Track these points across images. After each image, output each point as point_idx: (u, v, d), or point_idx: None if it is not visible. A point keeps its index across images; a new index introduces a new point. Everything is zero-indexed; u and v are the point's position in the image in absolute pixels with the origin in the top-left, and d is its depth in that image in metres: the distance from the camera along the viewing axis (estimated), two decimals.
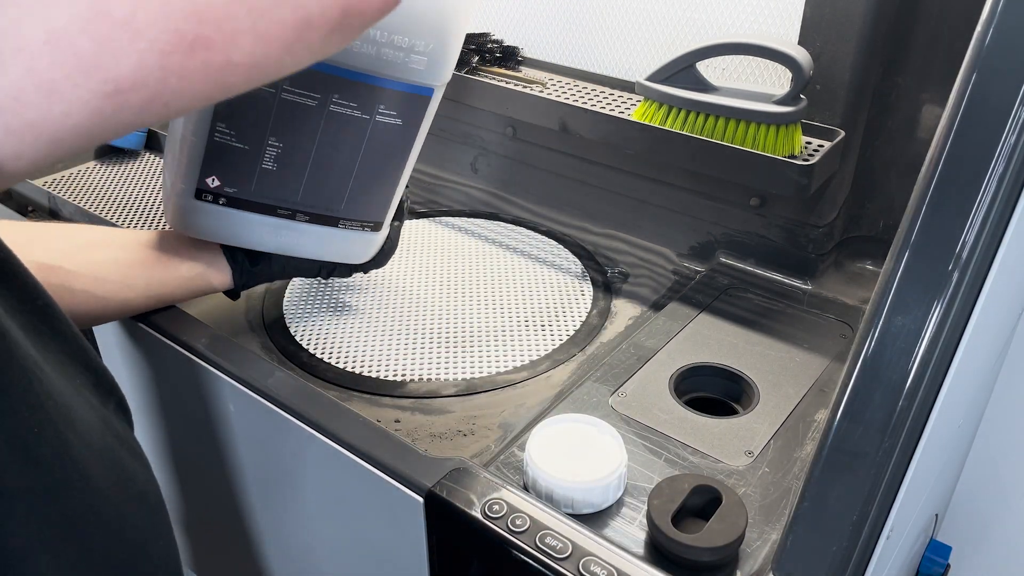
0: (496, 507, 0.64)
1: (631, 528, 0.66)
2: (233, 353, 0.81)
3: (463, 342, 0.91)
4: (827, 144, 0.89)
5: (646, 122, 0.95)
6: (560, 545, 0.60)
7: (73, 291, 0.72)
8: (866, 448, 0.51)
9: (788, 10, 0.90)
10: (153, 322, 0.86)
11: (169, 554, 0.44)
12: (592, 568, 0.58)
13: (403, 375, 0.86)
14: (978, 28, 0.47)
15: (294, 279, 1.01)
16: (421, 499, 0.67)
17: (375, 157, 0.78)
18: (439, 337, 0.91)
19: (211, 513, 0.99)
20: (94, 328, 0.92)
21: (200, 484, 0.97)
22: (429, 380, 0.85)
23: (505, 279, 1.02)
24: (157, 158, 1.27)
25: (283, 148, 0.73)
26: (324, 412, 0.74)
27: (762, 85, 0.93)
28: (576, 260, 1.05)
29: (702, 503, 0.64)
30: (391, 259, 0.92)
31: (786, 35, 0.91)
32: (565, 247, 1.08)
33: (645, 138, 0.95)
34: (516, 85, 1.07)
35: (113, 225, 1.02)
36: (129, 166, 1.25)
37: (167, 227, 0.81)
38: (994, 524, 1.14)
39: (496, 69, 1.11)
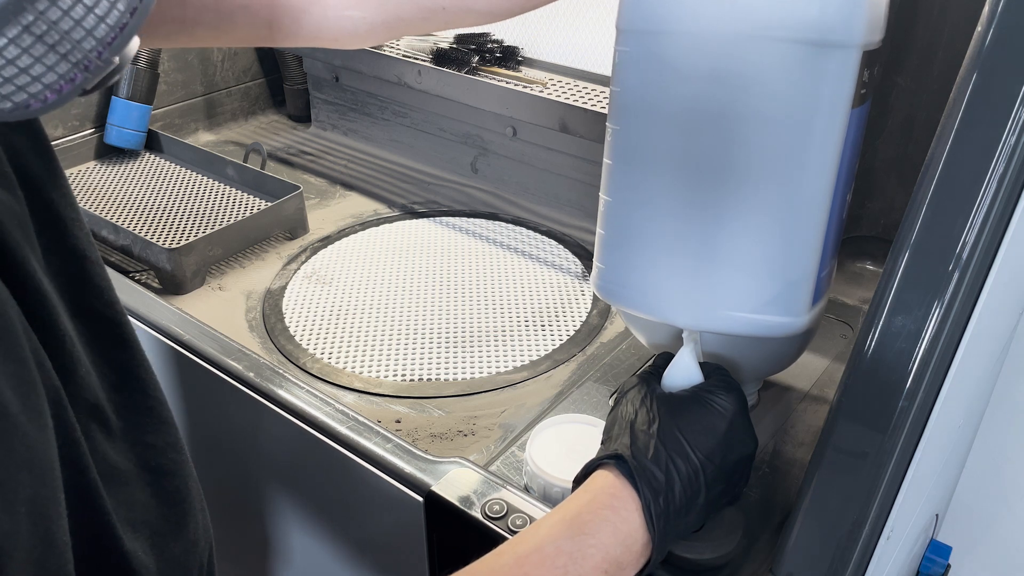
0: (496, 507, 0.64)
1: None
2: (232, 354, 0.81)
3: (463, 342, 0.91)
4: None
5: None
6: None
7: None
8: (866, 448, 0.51)
9: None
10: (148, 319, 0.86)
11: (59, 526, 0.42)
12: None
13: (403, 375, 0.86)
14: (978, 28, 0.47)
15: (292, 280, 1.01)
16: (421, 499, 0.67)
17: None
18: (439, 337, 0.91)
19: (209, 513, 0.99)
20: None
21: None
22: (429, 380, 0.85)
23: (505, 279, 1.02)
24: (157, 158, 1.27)
25: None
26: (324, 413, 0.75)
27: None
28: (576, 260, 1.05)
29: None
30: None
31: None
32: (565, 247, 1.08)
33: None
34: (516, 85, 1.07)
35: (112, 224, 1.02)
36: (129, 166, 1.25)
37: None
38: (994, 524, 1.14)
39: (496, 69, 1.11)
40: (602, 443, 0.58)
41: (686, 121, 0.56)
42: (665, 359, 0.62)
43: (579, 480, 0.56)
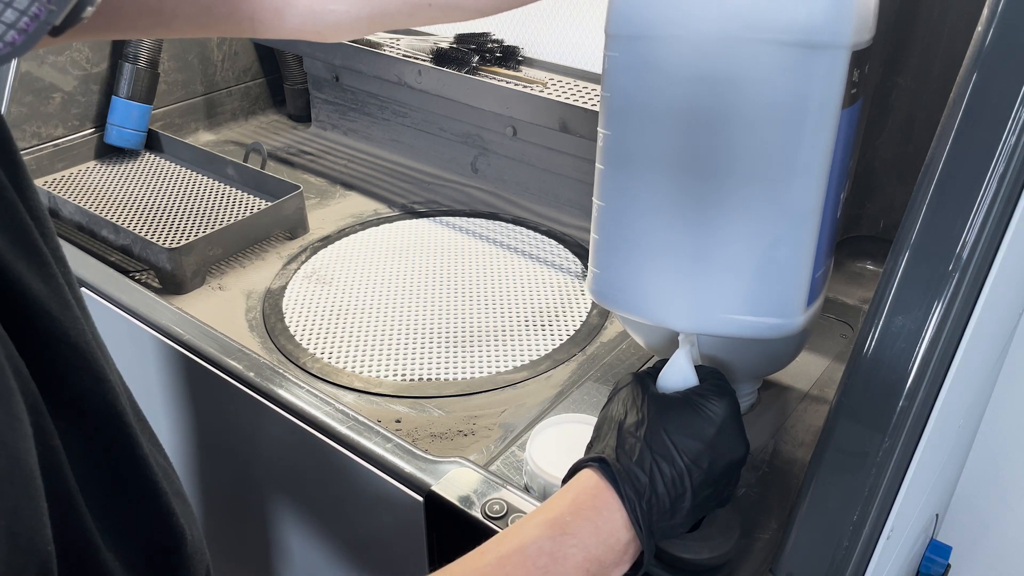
0: (496, 507, 0.64)
1: None
2: (232, 354, 0.81)
3: (463, 342, 0.91)
4: None
5: None
6: None
7: None
8: (866, 448, 0.51)
9: None
10: (148, 319, 0.86)
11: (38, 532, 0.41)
12: None
13: (403, 375, 0.86)
14: (978, 28, 0.47)
15: (292, 280, 1.01)
16: (421, 499, 0.67)
17: None
18: (439, 337, 0.91)
19: (209, 514, 0.99)
20: None
21: (198, 484, 0.97)
22: (429, 380, 0.85)
23: (505, 279, 1.02)
24: (157, 158, 1.27)
25: None
26: (324, 413, 0.75)
27: None
28: (576, 260, 1.05)
29: None
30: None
31: None
32: (565, 247, 1.08)
33: None
34: (516, 85, 1.07)
35: (112, 224, 1.02)
36: (129, 166, 1.25)
37: None
38: (994, 524, 1.14)
39: (496, 69, 1.11)
40: (591, 441, 0.59)
41: (677, 124, 0.56)
42: (665, 361, 0.62)
43: (566, 481, 0.56)
